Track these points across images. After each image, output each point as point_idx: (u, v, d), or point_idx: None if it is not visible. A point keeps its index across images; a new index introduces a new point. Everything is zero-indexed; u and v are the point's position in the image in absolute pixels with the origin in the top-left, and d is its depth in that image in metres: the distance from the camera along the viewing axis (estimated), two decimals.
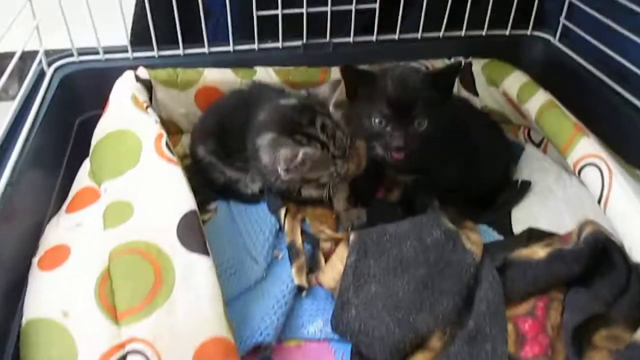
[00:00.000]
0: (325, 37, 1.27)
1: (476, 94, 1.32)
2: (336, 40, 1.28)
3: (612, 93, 1.17)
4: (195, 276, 0.78)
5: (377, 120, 0.99)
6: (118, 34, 1.18)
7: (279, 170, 0.93)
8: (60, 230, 0.91)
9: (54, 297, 0.79)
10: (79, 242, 0.86)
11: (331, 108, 0.99)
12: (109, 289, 0.77)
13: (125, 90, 1.05)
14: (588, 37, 1.25)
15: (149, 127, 0.97)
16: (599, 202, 0.91)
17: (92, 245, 0.84)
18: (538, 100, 1.10)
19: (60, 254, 0.84)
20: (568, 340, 0.81)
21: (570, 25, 1.31)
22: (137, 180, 0.90)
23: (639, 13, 1.10)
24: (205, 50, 1.22)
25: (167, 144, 0.95)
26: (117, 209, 0.86)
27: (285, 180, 0.98)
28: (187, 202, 0.86)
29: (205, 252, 0.81)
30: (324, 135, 0.95)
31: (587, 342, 0.83)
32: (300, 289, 0.96)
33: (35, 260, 0.86)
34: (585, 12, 1.25)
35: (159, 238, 0.81)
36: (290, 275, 0.96)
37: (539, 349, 0.82)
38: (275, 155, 0.93)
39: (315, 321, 0.93)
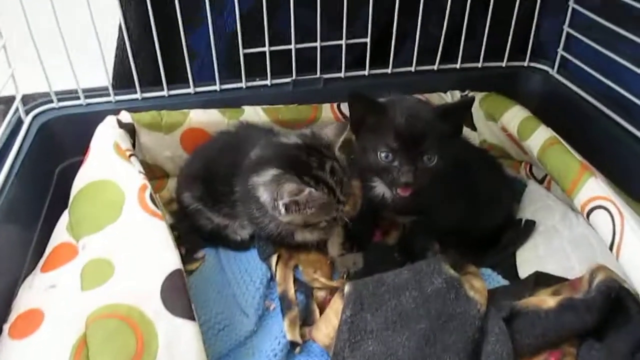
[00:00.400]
0: (316, 72, 1.22)
1: (474, 128, 1.27)
2: (327, 75, 1.24)
3: (614, 125, 1.13)
4: (180, 344, 0.71)
5: (383, 155, 0.91)
6: (99, 77, 1.13)
7: (280, 207, 0.87)
8: (33, 292, 0.85)
9: None
10: (54, 306, 0.80)
11: (336, 151, 0.95)
12: (85, 357, 0.70)
13: (106, 137, 1.00)
14: (587, 68, 1.22)
15: (132, 178, 0.91)
16: (611, 248, 0.85)
17: (67, 309, 0.78)
18: (540, 137, 1.06)
19: (32, 320, 0.78)
20: None
21: (569, 56, 1.27)
22: (118, 236, 0.83)
23: (639, 43, 1.06)
24: (191, 90, 1.18)
25: (151, 196, 0.89)
26: (96, 268, 0.79)
27: (284, 222, 0.92)
28: (171, 260, 0.80)
29: (191, 316, 0.74)
30: (332, 179, 0.90)
31: None
32: (293, 344, 0.90)
33: (6, 327, 0.80)
34: (583, 42, 1.21)
35: (142, 301, 0.74)
36: (283, 329, 0.90)
37: None
38: (278, 191, 0.86)
39: None
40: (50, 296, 0.82)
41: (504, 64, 1.33)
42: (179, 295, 0.76)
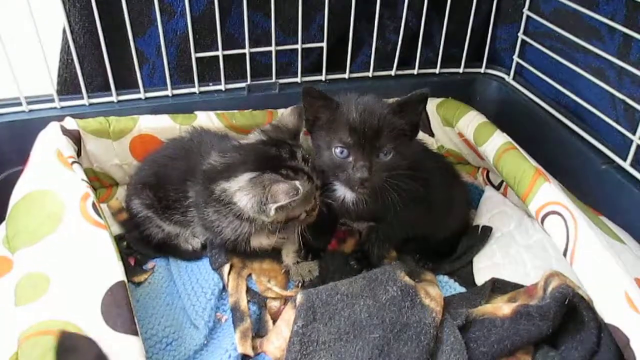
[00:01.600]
0: (271, 77, 1.20)
1: (432, 134, 1.27)
2: (283, 80, 1.21)
3: (568, 131, 1.15)
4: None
5: (338, 151, 0.88)
6: (43, 84, 1.08)
7: (270, 211, 0.83)
8: None
9: None
10: None
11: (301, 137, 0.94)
12: None
13: (48, 145, 0.95)
14: (542, 76, 1.23)
15: (73, 186, 0.87)
16: (565, 254, 0.85)
17: (0, 326, 0.73)
18: (496, 143, 1.05)
19: None
20: None
21: (524, 64, 1.28)
22: (56, 248, 0.78)
23: (593, 52, 1.07)
24: (141, 95, 1.13)
25: (94, 205, 0.84)
26: (31, 282, 0.74)
27: (268, 222, 0.89)
28: (113, 272, 0.75)
29: (133, 331, 0.70)
30: (307, 166, 0.89)
31: None
32: (244, 357, 0.86)
33: None
34: (538, 50, 1.22)
35: (79, 316, 0.70)
36: (234, 342, 0.86)
37: None
38: (269, 194, 0.83)
39: None
40: None
41: (461, 71, 1.34)
42: (120, 309, 0.72)
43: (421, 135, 1.25)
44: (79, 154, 1.04)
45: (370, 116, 0.88)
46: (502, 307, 0.86)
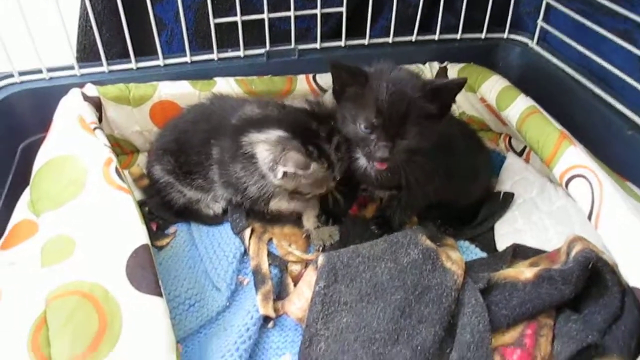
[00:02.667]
0: (290, 43, 1.18)
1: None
2: (302, 46, 1.20)
3: (594, 97, 1.12)
4: (146, 321, 0.68)
5: (362, 126, 0.86)
6: (63, 51, 1.08)
7: (277, 172, 0.83)
8: None
9: None
10: (12, 284, 0.75)
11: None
12: (44, 338, 0.67)
13: (70, 111, 0.95)
14: (567, 40, 1.19)
15: (96, 152, 0.87)
16: (589, 217, 0.83)
17: (26, 287, 0.74)
18: (519, 107, 1.03)
19: None
20: None
21: (549, 28, 1.25)
22: (81, 211, 0.79)
23: (619, 14, 1.04)
24: (160, 62, 1.13)
25: (116, 170, 0.85)
26: (57, 244, 0.75)
27: (275, 185, 0.89)
28: (137, 235, 0.76)
29: (157, 292, 0.71)
30: (335, 155, 0.88)
31: None
32: (266, 319, 0.87)
33: None
34: (563, 14, 1.19)
35: (105, 278, 0.71)
36: (256, 304, 0.87)
37: None
38: (283, 156, 0.83)
39: (283, 355, 0.84)
40: (9, 274, 0.78)
41: (482, 36, 1.31)
42: (145, 271, 0.73)
43: None
44: (100, 120, 1.05)
45: (400, 99, 0.83)
46: (524, 271, 0.85)
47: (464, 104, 1.24)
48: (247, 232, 0.98)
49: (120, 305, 0.68)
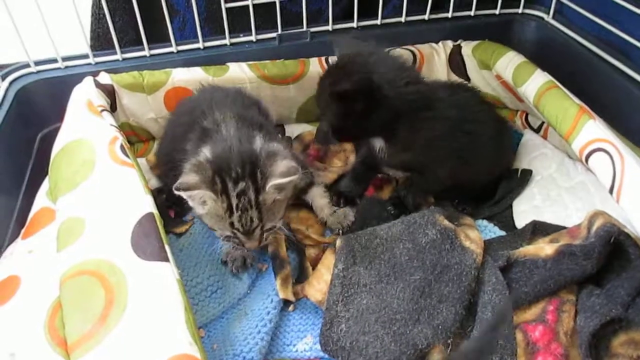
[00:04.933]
0: (302, 26, 1.17)
1: (468, 78, 1.23)
2: (314, 29, 1.19)
3: (612, 69, 1.09)
4: (152, 287, 0.69)
5: None
6: (78, 40, 1.08)
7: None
8: (13, 259, 0.82)
9: (2, 336, 0.70)
10: (31, 271, 0.77)
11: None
12: (60, 321, 0.68)
13: (81, 98, 0.96)
14: (584, 12, 1.17)
15: (102, 132, 0.88)
16: (611, 191, 0.82)
17: (44, 273, 0.76)
18: (536, 82, 1.02)
19: (10, 287, 0.75)
20: (584, 349, 0.73)
21: (565, 1, 1.22)
22: (91, 192, 0.81)
23: None
24: (173, 49, 1.13)
25: (121, 146, 0.86)
26: (69, 227, 0.77)
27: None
28: (142, 205, 0.77)
29: (163, 258, 0.72)
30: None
31: (605, 349, 0.75)
32: (286, 303, 0.88)
33: None
34: None
35: (111, 252, 0.72)
36: (275, 288, 0.88)
37: (553, 359, 0.74)
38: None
39: (304, 337, 0.85)
40: (27, 262, 0.80)
41: (497, 12, 1.28)
42: (149, 238, 0.74)
43: (455, 79, 1.23)
44: (114, 108, 1.05)
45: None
46: (544, 247, 0.84)
47: (479, 82, 1.22)
48: None
49: (126, 276, 0.69)
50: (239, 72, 1.10)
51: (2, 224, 0.92)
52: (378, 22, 1.23)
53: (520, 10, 1.30)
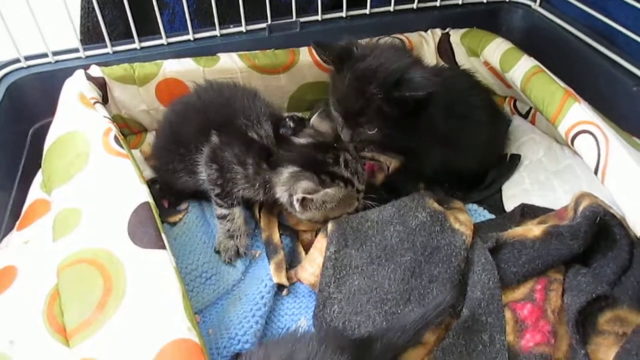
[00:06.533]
0: (292, 16, 1.18)
1: (457, 66, 1.24)
2: (303, 19, 1.20)
3: (599, 55, 1.11)
4: (150, 275, 0.70)
5: (333, 108, 0.92)
6: (67, 34, 1.08)
7: (295, 204, 0.85)
8: (9, 250, 0.83)
9: (0, 325, 0.71)
10: (27, 261, 0.78)
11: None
12: (58, 308, 0.69)
13: (73, 91, 0.97)
14: (571, 0, 1.18)
15: (96, 124, 0.89)
16: (596, 172, 0.84)
17: (40, 263, 0.76)
18: (523, 67, 1.03)
19: (6, 277, 0.76)
20: (572, 326, 0.75)
21: None
22: (86, 183, 0.82)
23: None
24: (164, 41, 1.13)
25: (115, 138, 0.87)
26: (65, 217, 0.78)
27: (302, 217, 0.92)
28: (137, 195, 0.79)
29: (160, 246, 0.73)
30: (347, 172, 0.88)
31: (592, 326, 0.77)
32: (280, 287, 0.89)
33: None
34: None
35: (109, 241, 0.73)
36: (269, 273, 0.89)
37: (541, 336, 0.76)
38: (293, 186, 0.86)
39: (298, 320, 0.86)
40: (24, 252, 0.81)
41: (485, 0, 1.30)
42: (145, 227, 0.75)
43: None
44: (105, 100, 1.06)
45: (357, 96, 0.87)
46: (532, 229, 0.86)
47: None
48: (257, 205, 0.99)
49: (123, 264, 0.71)
50: (229, 63, 1.11)
51: None
52: (367, 11, 1.24)
53: None
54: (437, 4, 1.27)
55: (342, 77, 0.88)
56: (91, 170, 0.82)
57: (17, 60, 1.09)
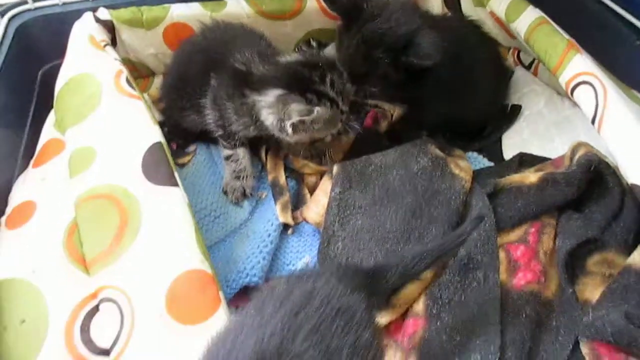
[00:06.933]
0: None
1: (462, 16, 1.25)
2: None
3: (602, 7, 1.10)
4: (164, 210, 0.74)
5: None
6: None
7: (287, 128, 0.86)
8: (26, 186, 0.87)
9: (22, 255, 0.75)
10: (45, 196, 0.82)
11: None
12: (77, 239, 0.74)
13: (82, 33, 0.98)
14: None
15: (107, 66, 0.92)
16: (593, 121, 0.86)
17: (58, 198, 0.80)
18: (528, 18, 1.04)
19: (26, 211, 0.80)
20: (561, 266, 0.79)
21: None
22: (99, 122, 0.85)
23: None
24: None
25: (127, 80, 0.90)
26: (81, 155, 0.81)
27: (291, 140, 0.92)
28: (150, 135, 0.82)
29: (173, 183, 0.77)
30: (333, 91, 0.89)
31: (581, 268, 0.81)
32: (285, 227, 0.93)
33: (2, 219, 0.83)
34: None
35: (123, 178, 0.77)
36: (275, 213, 0.93)
37: (532, 275, 0.80)
38: (285, 111, 0.86)
39: (303, 257, 0.91)
40: (42, 188, 0.85)
41: None
42: (159, 165, 0.79)
43: None
44: (114, 43, 1.07)
45: (362, 57, 0.87)
46: (529, 176, 0.89)
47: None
48: (263, 148, 1.02)
49: (138, 199, 0.75)
50: (237, 8, 1.12)
51: (11, 156, 0.96)
52: None
53: None
54: None
55: (350, 36, 0.89)
56: (104, 111, 0.85)
57: (24, 2, 1.09)
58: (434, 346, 0.73)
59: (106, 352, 0.66)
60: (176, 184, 0.77)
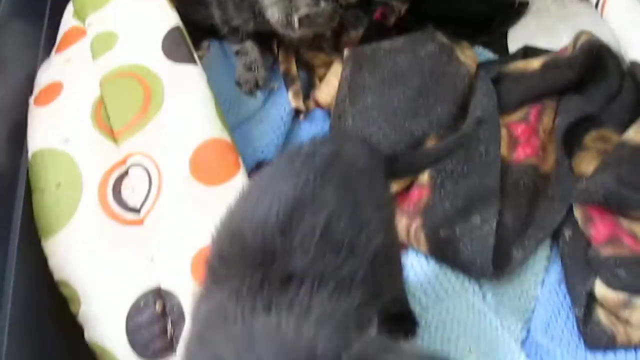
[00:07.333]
0: None
1: None
2: None
3: None
4: (185, 85, 0.79)
5: None
6: None
7: (294, 23, 0.87)
8: (51, 69, 0.90)
9: (54, 127, 0.80)
10: (71, 77, 0.86)
11: None
12: (105, 113, 0.79)
13: None
14: None
15: None
16: (597, 6, 0.89)
17: (83, 77, 0.84)
18: None
19: (54, 90, 0.84)
20: (559, 141, 0.83)
21: None
22: (120, 8, 0.89)
23: None
24: None
25: None
26: (103, 38, 0.86)
27: (294, 36, 0.94)
28: (169, 19, 0.86)
29: (192, 61, 0.82)
30: None
31: (578, 143, 0.86)
32: (297, 112, 0.97)
33: (31, 99, 0.87)
34: None
35: (145, 57, 0.81)
36: (288, 100, 0.97)
37: (531, 150, 0.85)
38: (293, 5, 0.87)
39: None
40: (67, 69, 0.88)
41: None
42: (178, 45, 0.83)
43: None
44: None
45: None
46: (532, 62, 0.93)
47: None
48: (275, 41, 1.05)
49: (160, 76, 0.80)
50: None
51: (33, 46, 0.98)
52: None
53: None
54: None
55: None
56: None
57: None
58: (437, 210, 0.79)
59: (136, 210, 0.72)
60: (195, 62, 0.81)
